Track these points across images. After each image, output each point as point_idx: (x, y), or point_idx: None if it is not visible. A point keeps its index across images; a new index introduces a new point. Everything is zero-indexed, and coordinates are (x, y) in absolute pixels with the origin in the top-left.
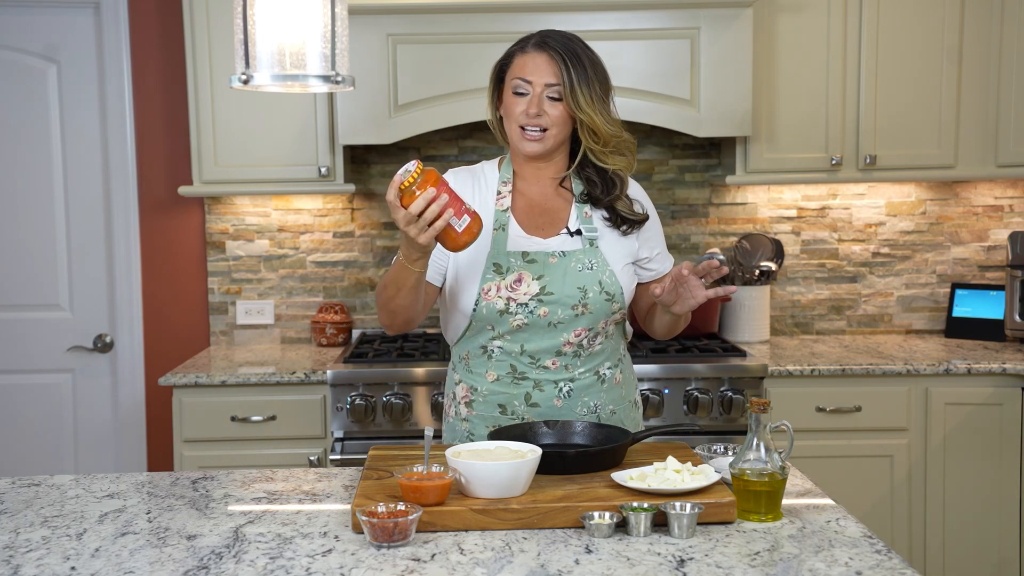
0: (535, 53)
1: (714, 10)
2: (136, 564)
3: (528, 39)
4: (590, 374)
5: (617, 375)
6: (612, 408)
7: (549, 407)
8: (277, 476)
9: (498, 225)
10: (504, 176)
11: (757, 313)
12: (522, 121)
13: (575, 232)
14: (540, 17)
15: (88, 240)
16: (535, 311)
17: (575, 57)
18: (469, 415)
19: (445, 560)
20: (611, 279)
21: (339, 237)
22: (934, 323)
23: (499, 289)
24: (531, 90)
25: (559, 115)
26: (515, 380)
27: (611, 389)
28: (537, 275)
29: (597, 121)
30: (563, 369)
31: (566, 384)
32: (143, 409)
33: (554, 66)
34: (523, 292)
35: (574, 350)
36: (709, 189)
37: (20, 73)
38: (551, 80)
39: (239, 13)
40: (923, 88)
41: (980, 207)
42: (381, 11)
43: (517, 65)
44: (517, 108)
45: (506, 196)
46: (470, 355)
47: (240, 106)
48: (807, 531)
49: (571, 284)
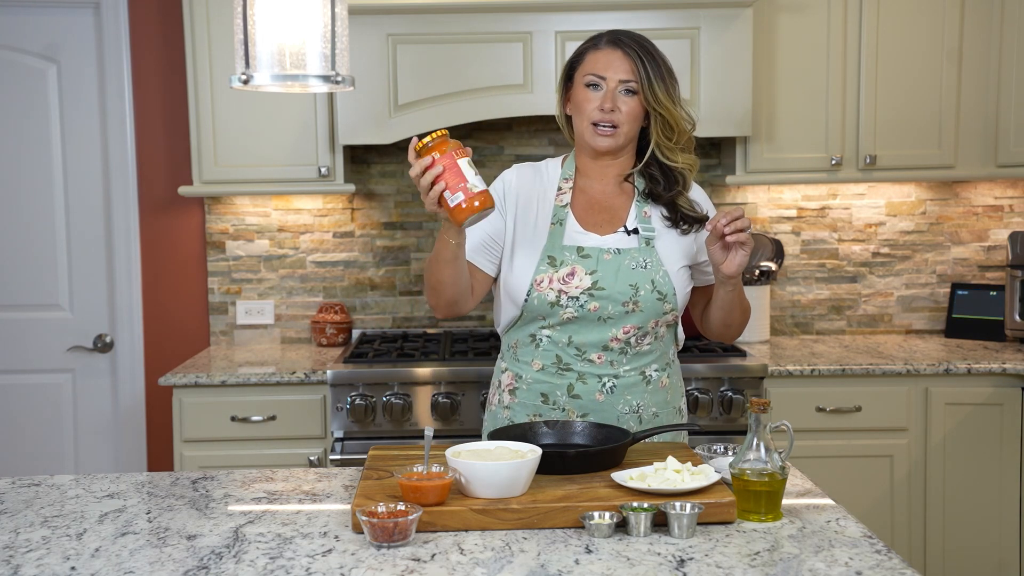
0: (609, 50)
1: (714, 10)
2: (136, 564)
3: (600, 37)
4: (635, 373)
5: (664, 379)
6: (655, 411)
7: (591, 400)
8: (277, 476)
9: (556, 220)
10: (567, 173)
11: (757, 313)
12: (595, 117)
13: (632, 231)
14: (540, 17)
15: (88, 240)
16: (586, 305)
17: (648, 54)
18: (512, 403)
19: (445, 560)
20: (664, 279)
21: (339, 237)
22: (934, 323)
23: (551, 281)
24: (605, 85)
25: (632, 110)
26: (560, 370)
27: (656, 392)
28: (590, 270)
29: (675, 113)
30: (608, 365)
31: (610, 380)
32: (143, 409)
33: (628, 62)
34: (575, 285)
35: (621, 347)
36: (709, 189)
37: (20, 73)
38: (625, 76)
39: (239, 13)
40: (923, 88)
41: (980, 207)
42: (381, 11)
43: (589, 62)
44: (590, 104)
45: (566, 192)
46: (519, 343)
47: (240, 106)
48: (807, 531)
49: (623, 281)
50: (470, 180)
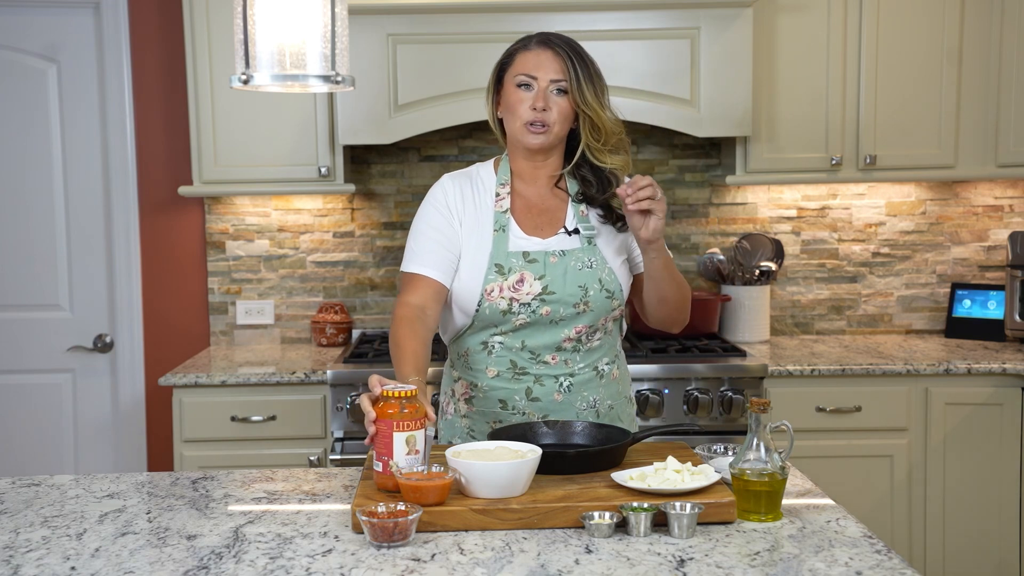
0: (540, 50)
1: (714, 10)
2: (136, 564)
3: (530, 38)
4: (589, 369)
5: (615, 371)
6: (610, 403)
7: (550, 401)
8: (277, 476)
9: (498, 226)
10: (502, 178)
11: (757, 313)
12: (528, 116)
13: (573, 231)
14: (540, 17)
15: (88, 240)
16: (538, 310)
17: (578, 55)
18: (469, 411)
19: (445, 560)
20: (610, 276)
21: (339, 237)
22: (934, 323)
23: (502, 290)
24: (537, 85)
25: (562, 110)
26: (516, 375)
27: (609, 384)
28: (539, 275)
29: (603, 116)
30: (563, 364)
31: (566, 379)
32: (143, 409)
33: (559, 62)
34: (525, 292)
35: (573, 345)
36: (709, 189)
37: (20, 73)
38: (556, 76)
39: (239, 13)
40: (923, 88)
41: (980, 207)
42: (381, 11)
43: (520, 62)
44: (522, 104)
45: (505, 197)
46: (470, 352)
47: (240, 106)
48: (807, 531)
49: (572, 283)
50: (395, 456)
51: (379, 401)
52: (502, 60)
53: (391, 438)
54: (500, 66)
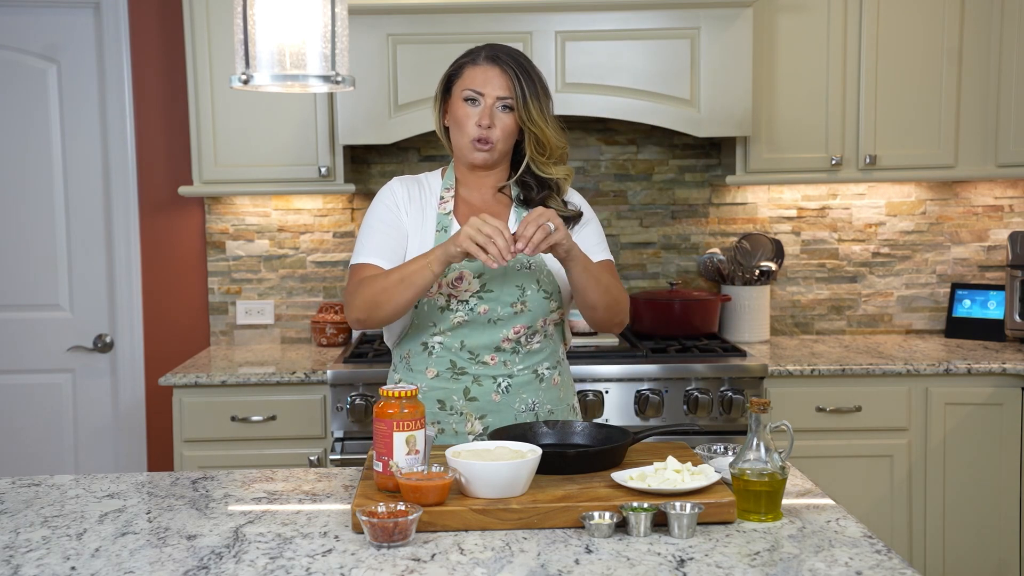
0: (487, 66)
1: (714, 10)
2: (136, 564)
3: (478, 52)
4: (528, 372)
5: (556, 376)
6: (550, 408)
7: (488, 402)
8: (277, 476)
9: (440, 227)
10: (447, 183)
11: (757, 313)
12: (474, 133)
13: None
14: (540, 17)
15: (88, 240)
16: (475, 308)
17: (525, 72)
18: None
19: (445, 560)
20: (549, 278)
21: (339, 237)
22: (934, 323)
23: (440, 287)
24: (483, 101)
25: (506, 127)
26: (454, 375)
27: (549, 389)
28: (477, 274)
29: (548, 133)
30: (501, 365)
31: (504, 380)
32: (143, 409)
33: (506, 79)
34: (464, 289)
35: (512, 346)
36: (709, 189)
37: (20, 73)
38: (502, 93)
39: (239, 13)
40: (923, 88)
41: (980, 207)
42: (381, 11)
43: (468, 76)
44: (469, 120)
45: (448, 201)
46: (411, 353)
47: (240, 106)
48: (807, 531)
49: (510, 282)
50: (395, 456)
51: (379, 401)
52: (450, 71)
53: (391, 438)
54: (448, 77)
